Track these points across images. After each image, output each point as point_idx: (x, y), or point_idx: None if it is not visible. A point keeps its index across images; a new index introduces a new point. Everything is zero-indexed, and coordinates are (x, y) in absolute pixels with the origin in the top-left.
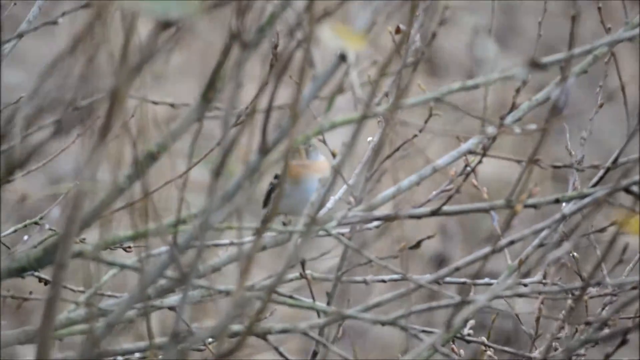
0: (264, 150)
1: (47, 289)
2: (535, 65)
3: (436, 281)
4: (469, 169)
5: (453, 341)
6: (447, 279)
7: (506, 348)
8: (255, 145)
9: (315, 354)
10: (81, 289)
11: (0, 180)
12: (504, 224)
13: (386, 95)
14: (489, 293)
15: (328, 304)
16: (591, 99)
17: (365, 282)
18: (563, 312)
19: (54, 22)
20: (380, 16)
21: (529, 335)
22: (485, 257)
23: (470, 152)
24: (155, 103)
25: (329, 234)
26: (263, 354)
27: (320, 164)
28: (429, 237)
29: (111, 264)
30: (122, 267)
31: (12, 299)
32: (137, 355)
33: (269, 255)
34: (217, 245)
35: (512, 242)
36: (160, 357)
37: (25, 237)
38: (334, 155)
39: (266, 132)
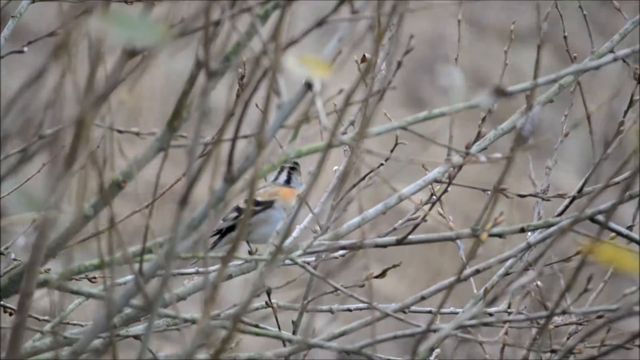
0: (230, 179)
1: (12, 318)
2: (500, 93)
3: (402, 310)
4: (434, 197)
5: None
6: (413, 307)
7: None
8: (220, 174)
9: None
10: (47, 317)
11: None
12: (470, 253)
13: (352, 123)
14: (454, 321)
15: (294, 332)
16: (558, 127)
17: (331, 311)
18: (528, 340)
19: (20, 51)
20: (346, 45)
21: None
22: (451, 286)
23: (436, 180)
24: (120, 132)
25: (295, 263)
26: None
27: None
28: (394, 266)
29: (77, 293)
30: (88, 295)
31: None
32: None
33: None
34: (182, 274)
35: (477, 271)
36: None
37: None
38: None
39: (232, 161)
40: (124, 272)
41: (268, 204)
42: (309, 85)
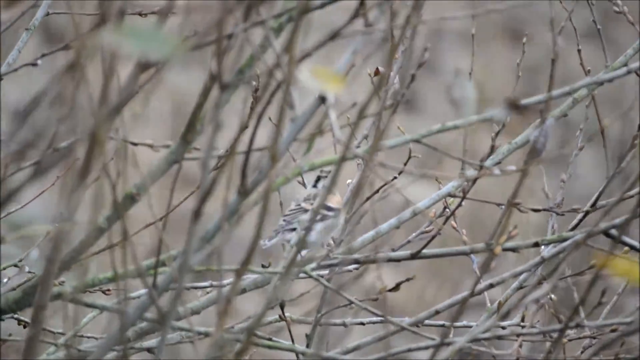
0: (243, 192)
1: (26, 331)
2: (514, 107)
3: (415, 324)
4: (448, 211)
5: None
6: (427, 321)
7: None
8: (234, 187)
9: None
10: (61, 330)
11: None
12: (484, 267)
13: (365, 137)
14: (468, 335)
15: (307, 346)
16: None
17: (344, 324)
18: (542, 354)
19: (34, 64)
20: (359, 58)
21: None
22: (465, 300)
23: (450, 195)
24: (134, 144)
25: (309, 276)
26: None
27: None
28: (407, 280)
29: (91, 306)
30: (102, 308)
31: None
32: None
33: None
34: (196, 288)
35: (491, 285)
36: None
37: (5, 280)
38: None
39: (245, 173)
40: (137, 285)
41: (338, 211)
42: (322, 99)
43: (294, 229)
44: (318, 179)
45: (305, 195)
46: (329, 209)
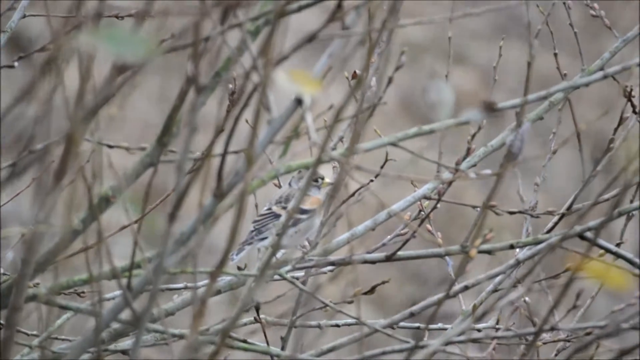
0: (219, 194)
1: (1, 332)
2: (490, 109)
3: (390, 326)
4: (423, 214)
5: None
6: (402, 323)
7: None
8: (210, 190)
9: None
10: (35, 332)
11: None
12: (459, 269)
13: (341, 139)
14: (442, 338)
15: (282, 348)
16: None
17: (319, 326)
18: (516, 357)
19: (10, 66)
20: (336, 61)
21: None
22: (439, 303)
23: (425, 197)
24: (110, 147)
25: (284, 278)
26: None
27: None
28: (383, 283)
29: (65, 308)
30: (76, 310)
31: None
32: None
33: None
34: (171, 289)
35: (466, 288)
36: None
37: None
38: None
39: (221, 176)
40: (112, 287)
41: (313, 213)
42: (299, 101)
43: (265, 238)
44: (300, 177)
45: (277, 197)
46: (303, 211)
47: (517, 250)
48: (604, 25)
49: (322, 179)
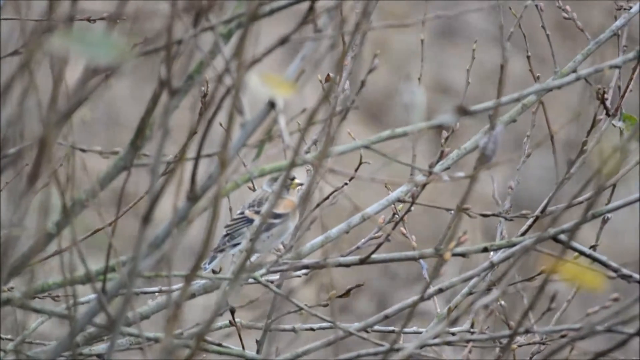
0: (193, 197)
1: None
2: (463, 112)
3: (365, 329)
4: (397, 217)
5: None
6: (376, 326)
7: None
8: (183, 193)
9: None
10: (9, 336)
11: None
12: (433, 272)
13: (315, 143)
14: (417, 341)
15: (257, 351)
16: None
17: (294, 330)
18: None
19: None
20: (309, 64)
21: None
22: (414, 305)
23: (399, 200)
24: (83, 150)
25: (258, 282)
26: None
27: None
28: (357, 286)
29: (39, 312)
30: (51, 314)
31: None
32: None
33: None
34: (145, 293)
35: (440, 290)
36: None
37: None
38: None
39: (195, 179)
40: (87, 291)
41: (286, 216)
42: (272, 104)
43: (238, 244)
44: (274, 179)
45: (250, 201)
46: (276, 216)
47: (492, 253)
48: (577, 28)
49: (292, 179)
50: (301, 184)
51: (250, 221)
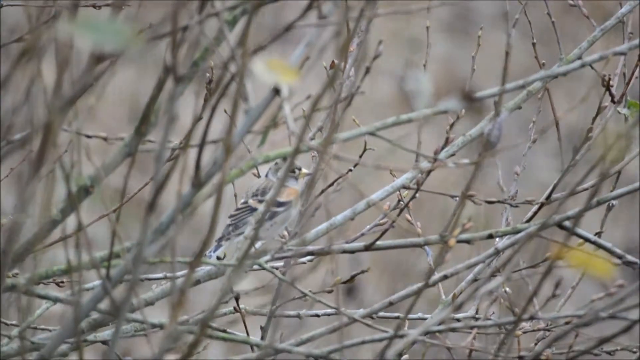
0: (198, 184)
1: None
2: (469, 99)
3: (370, 315)
4: (402, 203)
5: None
6: (381, 313)
7: None
8: (188, 179)
9: None
10: (14, 322)
11: None
12: (438, 259)
13: (320, 129)
14: (422, 327)
15: (262, 338)
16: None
17: (299, 316)
18: (496, 346)
19: None
20: (314, 50)
21: None
22: (419, 292)
23: (404, 187)
24: (88, 137)
25: (263, 268)
26: None
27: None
28: (362, 272)
29: (44, 298)
30: (56, 300)
31: None
32: None
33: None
34: (150, 279)
35: (445, 277)
36: None
37: None
38: None
39: (199, 166)
40: (91, 277)
41: (289, 204)
42: (276, 91)
43: (242, 233)
44: (278, 168)
45: (253, 190)
46: (279, 204)
47: (497, 239)
48: (582, 15)
49: (300, 169)
50: (309, 174)
51: (254, 210)
